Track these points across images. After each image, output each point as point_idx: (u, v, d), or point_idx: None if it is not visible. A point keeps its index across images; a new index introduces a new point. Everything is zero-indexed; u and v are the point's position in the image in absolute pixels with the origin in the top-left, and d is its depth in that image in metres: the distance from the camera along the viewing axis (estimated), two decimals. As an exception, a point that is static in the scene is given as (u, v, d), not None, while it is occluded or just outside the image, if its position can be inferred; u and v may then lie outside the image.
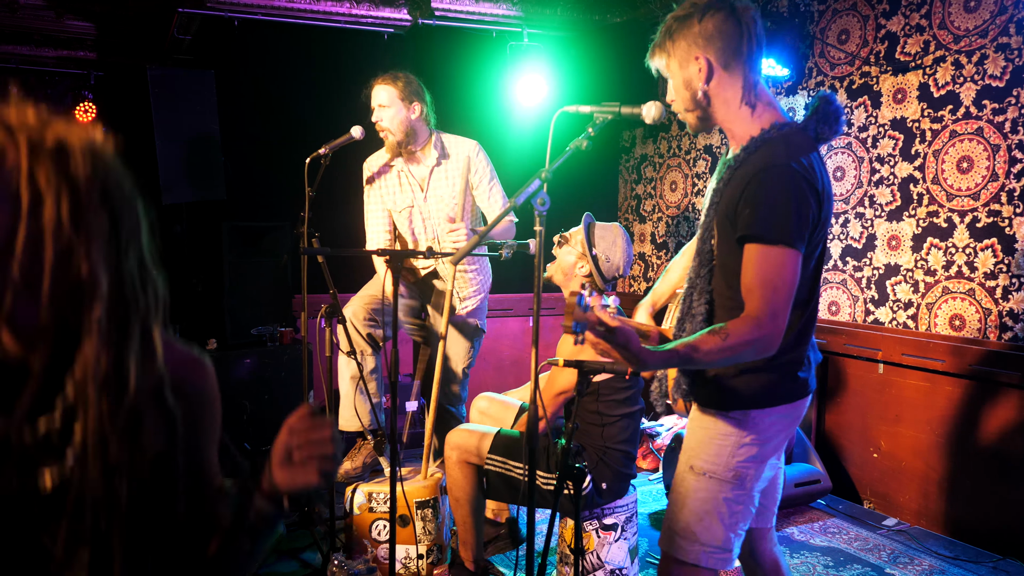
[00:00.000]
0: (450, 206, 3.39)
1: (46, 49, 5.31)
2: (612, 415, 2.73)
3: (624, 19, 4.93)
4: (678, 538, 1.87)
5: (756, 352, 1.67)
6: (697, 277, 1.90)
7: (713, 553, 1.85)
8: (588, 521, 2.78)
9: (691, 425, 1.94)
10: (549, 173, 1.87)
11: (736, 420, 1.84)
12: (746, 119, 1.82)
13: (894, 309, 3.78)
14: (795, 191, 1.67)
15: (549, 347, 5.50)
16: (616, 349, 1.59)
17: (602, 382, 2.72)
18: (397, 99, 3.25)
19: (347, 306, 3.41)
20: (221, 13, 4.30)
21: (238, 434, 4.18)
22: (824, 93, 1.84)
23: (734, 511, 1.86)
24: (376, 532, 3.04)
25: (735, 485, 1.85)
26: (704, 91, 1.81)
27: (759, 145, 1.75)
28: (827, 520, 3.72)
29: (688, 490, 1.88)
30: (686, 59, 1.80)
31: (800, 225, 1.68)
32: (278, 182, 4.48)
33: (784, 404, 1.85)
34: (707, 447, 1.86)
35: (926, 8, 3.58)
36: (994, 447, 3.35)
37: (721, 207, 1.80)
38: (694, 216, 5.15)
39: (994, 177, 3.32)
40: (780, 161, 1.69)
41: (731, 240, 1.77)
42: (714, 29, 1.77)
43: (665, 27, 1.84)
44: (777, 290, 1.66)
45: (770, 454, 1.90)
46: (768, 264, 1.67)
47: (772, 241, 1.67)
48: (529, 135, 4.76)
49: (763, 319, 1.64)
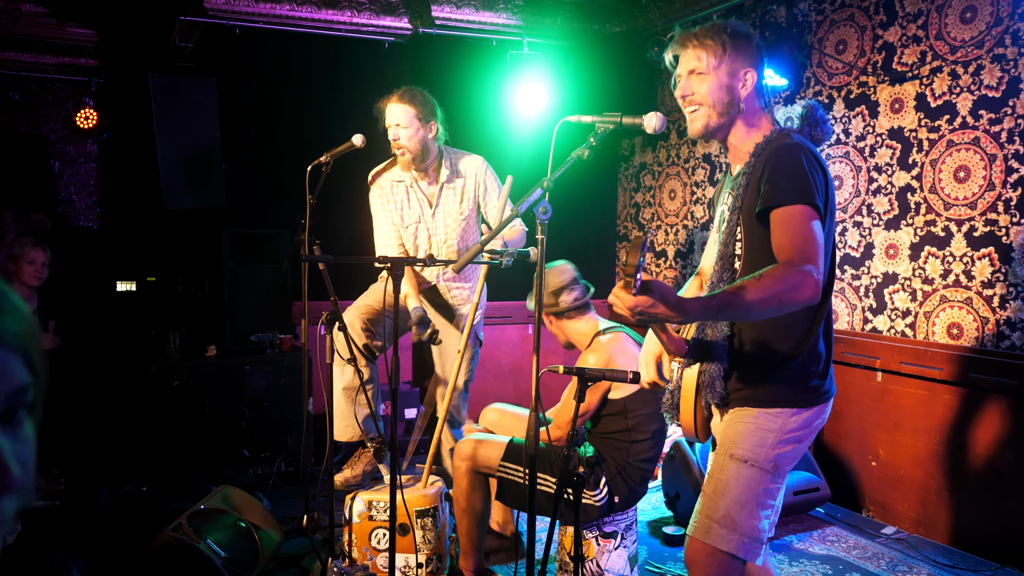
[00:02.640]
0: (457, 221, 3.41)
1: (48, 56, 5.33)
2: (642, 431, 2.75)
3: (623, 28, 4.97)
4: (717, 527, 1.88)
5: (795, 293, 1.67)
6: (719, 282, 1.94)
7: (749, 544, 1.87)
8: (588, 529, 2.79)
9: (728, 424, 1.95)
10: (551, 182, 1.89)
11: (777, 418, 1.89)
12: (753, 131, 1.98)
13: (892, 318, 3.79)
14: (806, 161, 1.81)
15: (549, 355, 5.51)
16: (659, 302, 1.56)
17: (628, 398, 2.73)
18: (415, 119, 3.25)
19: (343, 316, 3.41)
20: (223, 21, 4.32)
21: (237, 441, 4.19)
22: (810, 102, 2.03)
23: (768, 504, 1.90)
24: (375, 540, 3.04)
25: (774, 476, 1.89)
26: (740, 100, 1.95)
27: (765, 146, 1.90)
28: (826, 528, 3.72)
29: (729, 478, 1.89)
30: (738, 68, 1.94)
31: (816, 189, 1.80)
32: (279, 189, 4.50)
33: (816, 405, 1.93)
34: (748, 438, 1.89)
35: (923, 19, 3.61)
36: (992, 455, 3.36)
37: (745, 206, 1.88)
38: (693, 224, 5.16)
39: (991, 186, 3.34)
40: (788, 142, 1.87)
41: (759, 229, 1.85)
42: (758, 53, 1.97)
43: (719, 28, 1.94)
44: (807, 239, 1.75)
45: (800, 455, 1.95)
46: (794, 220, 1.78)
47: (794, 202, 1.78)
48: (529, 144, 4.78)
49: (797, 261, 1.71)
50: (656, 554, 3.44)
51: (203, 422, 4.10)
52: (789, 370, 1.90)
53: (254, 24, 4.41)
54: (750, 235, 1.89)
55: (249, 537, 3.04)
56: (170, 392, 4.03)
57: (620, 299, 1.56)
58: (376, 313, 3.31)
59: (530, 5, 4.70)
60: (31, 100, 5.60)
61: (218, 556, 2.81)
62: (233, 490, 3.26)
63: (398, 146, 3.28)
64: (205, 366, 4.14)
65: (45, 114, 5.65)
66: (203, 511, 2.98)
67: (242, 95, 4.74)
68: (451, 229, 3.42)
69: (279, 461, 4.27)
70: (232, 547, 2.92)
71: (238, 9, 4.29)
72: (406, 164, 3.33)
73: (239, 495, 3.24)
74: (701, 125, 1.96)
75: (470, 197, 3.43)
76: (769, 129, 1.97)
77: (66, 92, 5.66)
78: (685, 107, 1.99)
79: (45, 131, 5.64)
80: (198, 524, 2.88)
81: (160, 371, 4.03)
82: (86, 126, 5.42)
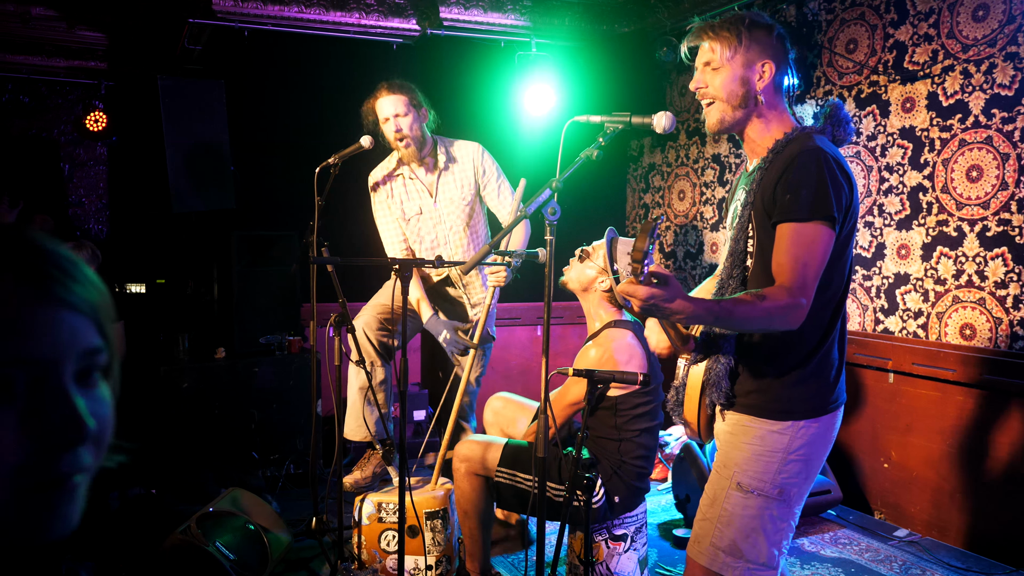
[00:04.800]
0: (460, 208, 3.40)
1: (58, 59, 5.35)
2: (630, 430, 2.72)
3: (632, 29, 4.95)
4: (723, 555, 1.87)
5: (785, 320, 1.70)
6: (729, 279, 1.93)
7: (757, 570, 1.86)
8: (598, 532, 2.77)
9: (732, 438, 1.92)
10: (560, 183, 1.88)
11: (783, 435, 1.85)
12: (773, 126, 1.92)
13: (904, 318, 3.76)
14: (828, 171, 1.76)
15: (558, 356, 5.50)
16: (672, 296, 1.57)
17: (619, 397, 2.71)
18: (411, 106, 3.27)
19: (359, 316, 3.41)
20: (231, 24, 4.33)
21: (246, 443, 4.19)
22: (834, 101, 1.96)
23: (779, 528, 1.87)
24: (385, 542, 3.03)
25: (780, 502, 1.86)
26: (756, 93, 1.90)
27: (785, 144, 1.85)
28: (838, 531, 3.70)
29: (734, 507, 1.87)
30: (755, 60, 1.89)
31: (837, 202, 1.75)
32: (287, 192, 4.50)
33: (825, 415, 1.88)
34: (754, 463, 1.86)
35: (934, 17, 3.58)
36: (1006, 457, 3.33)
37: (758, 204, 1.85)
38: (702, 225, 5.14)
39: (1004, 186, 3.31)
40: (812, 146, 1.80)
41: (771, 230, 1.82)
42: (779, 44, 1.92)
43: (736, 20, 1.90)
44: (807, 266, 1.73)
45: (814, 472, 1.91)
46: (800, 241, 1.74)
47: (806, 218, 1.74)
48: (537, 144, 4.77)
49: (793, 288, 1.70)
50: (666, 557, 3.43)
51: (212, 424, 4.11)
52: (799, 376, 1.86)
53: (262, 26, 4.41)
54: (763, 233, 1.85)
55: (258, 539, 3.04)
56: (179, 394, 4.04)
57: (632, 291, 1.56)
58: (391, 311, 3.31)
59: (538, 6, 4.69)
60: (41, 103, 5.62)
61: (227, 559, 2.80)
62: (242, 492, 3.26)
63: (401, 136, 3.27)
64: (214, 368, 4.15)
65: (55, 117, 5.67)
66: (212, 513, 2.98)
67: (250, 97, 4.75)
68: (455, 217, 3.40)
69: (288, 463, 4.27)
70: (241, 550, 2.92)
71: (246, 11, 4.30)
72: (410, 155, 3.33)
73: (248, 497, 3.24)
74: (716, 120, 1.93)
75: (470, 182, 3.41)
76: (790, 126, 1.91)
77: (76, 95, 5.68)
78: (700, 100, 1.95)
79: (55, 134, 5.66)
80: (207, 527, 2.88)
81: (169, 373, 4.03)
82: (96, 129, 5.44)
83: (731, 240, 1.95)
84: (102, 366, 0.68)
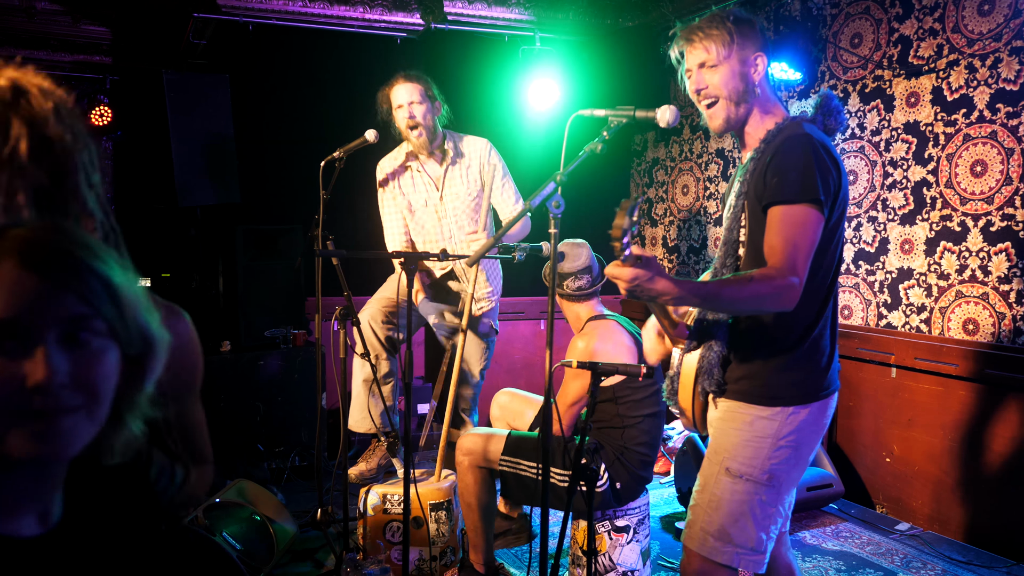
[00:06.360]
0: (466, 203, 3.41)
1: (62, 54, 5.36)
2: (633, 416, 2.75)
3: (636, 23, 4.95)
4: (712, 539, 1.88)
5: (777, 300, 1.72)
6: (723, 268, 1.94)
7: (746, 555, 1.87)
8: (600, 523, 2.79)
9: (723, 424, 1.94)
10: (564, 176, 1.88)
11: (772, 420, 1.86)
12: (767, 117, 1.94)
13: (907, 313, 3.77)
14: (815, 156, 1.78)
15: (561, 350, 5.51)
16: (655, 276, 1.61)
17: (617, 385, 2.73)
18: (426, 96, 3.29)
19: (364, 309, 3.43)
20: (236, 18, 4.34)
21: (251, 435, 4.21)
22: (825, 91, 1.99)
23: (767, 513, 1.88)
24: (390, 534, 3.05)
25: (769, 487, 1.87)
26: (755, 86, 1.92)
27: (776, 133, 1.88)
28: (839, 524, 3.71)
29: (723, 492, 1.89)
30: (748, 54, 1.92)
31: (824, 186, 1.77)
32: (292, 185, 4.51)
33: (815, 402, 1.88)
34: (743, 449, 1.88)
35: (939, 12, 3.58)
36: (1007, 452, 3.33)
37: (750, 193, 1.87)
38: (706, 219, 5.15)
39: (1008, 181, 3.31)
40: (799, 132, 1.83)
41: (763, 216, 1.83)
42: (764, 37, 1.95)
43: (720, 17, 1.93)
44: (798, 247, 1.74)
45: (804, 459, 1.92)
46: (790, 222, 1.76)
47: (794, 200, 1.76)
48: (541, 138, 4.77)
49: (783, 268, 1.71)
50: (668, 548, 3.44)
51: (217, 417, 4.13)
52: (788, 362, 1.87)
53: (267, 20, 4.42)
54: (754, 221, 1.87)
55: (264, 530, 3.06)
56: (185, 387, 4.06)
57: (618, 273, 1.61)
58: (396, 305, 3.33)
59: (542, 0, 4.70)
60: (47, 98, 5.64)
61: (233, 549, 2.83)
62: (248, 484, 3.29)
63: (414, 123, 3.28)
64: (219, 361, 4.17)
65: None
66: (218, 504, 3.00)
67: (255, 91, 4.76)
68: (461, 212, 3.41)
69: (293, 455, 4.29)
70: (247, 540, 2.95)
71: (251, 6, 4.31)
72: (420, 145, 3.34)
73: (254, 489, 3.26)
74: (722, 120, 1.93)
75: (476, 178, 3.43)
76: (782, 116, 1.94)
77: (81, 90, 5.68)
78: (701, 101, 1.95)
79: (61, 128, 5.68)
80: (213, 517, 2.91)
81: (175, 366, 4.05)
82: (100, 123, 5.45)
83: (724, 230, 1.96)
84: (99, 331, 0.80)
